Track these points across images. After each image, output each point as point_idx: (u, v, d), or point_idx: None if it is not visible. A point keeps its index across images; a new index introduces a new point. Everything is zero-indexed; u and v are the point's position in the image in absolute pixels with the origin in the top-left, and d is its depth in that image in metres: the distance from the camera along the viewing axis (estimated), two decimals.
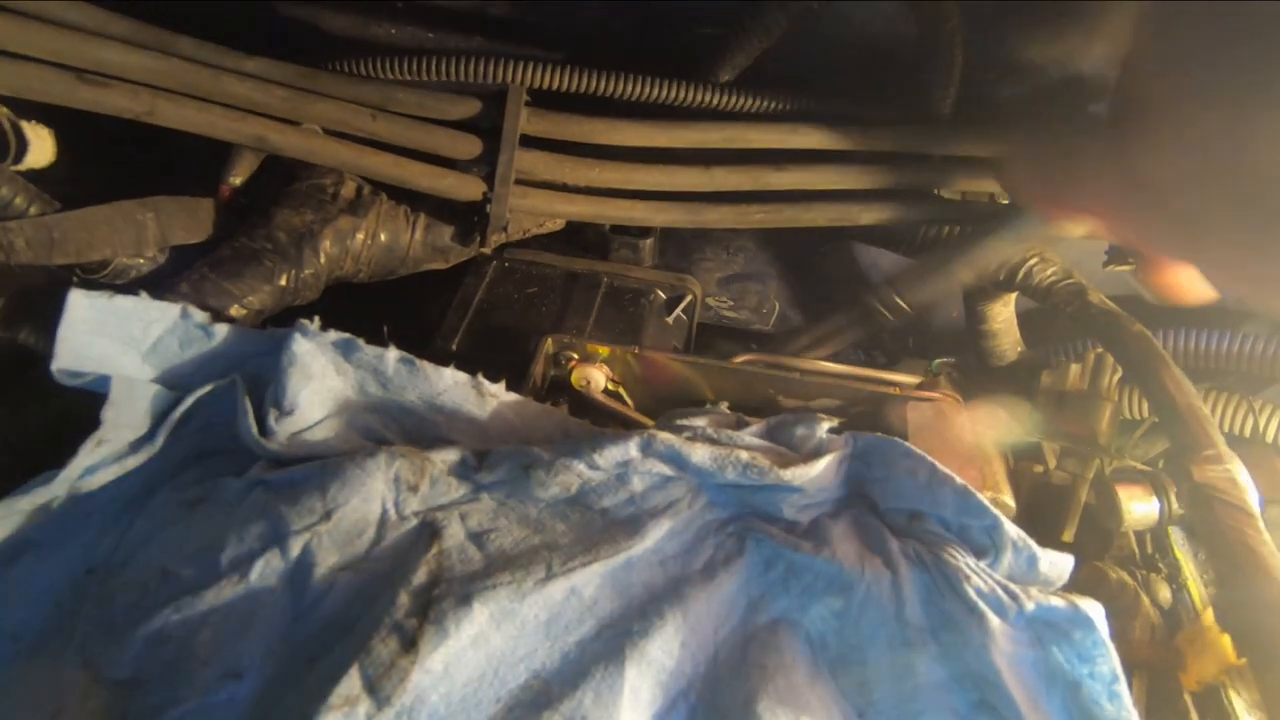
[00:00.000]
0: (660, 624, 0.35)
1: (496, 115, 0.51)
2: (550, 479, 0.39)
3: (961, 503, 0.37)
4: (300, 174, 0.50)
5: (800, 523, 0.40)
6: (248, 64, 0.47)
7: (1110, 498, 0.46)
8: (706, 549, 0.39)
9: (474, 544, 0.37)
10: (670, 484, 0.40)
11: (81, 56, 0.40)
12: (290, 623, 0.35)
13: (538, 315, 0.55)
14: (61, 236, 0.40)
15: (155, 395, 0.41)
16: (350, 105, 0.48)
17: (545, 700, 0.32)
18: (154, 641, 0.34)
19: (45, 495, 0.36)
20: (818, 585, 0.37)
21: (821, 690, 0.34)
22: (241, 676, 0.33)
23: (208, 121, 0.43)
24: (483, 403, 0.45)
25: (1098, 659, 0.32)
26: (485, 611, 0.33)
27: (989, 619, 0.33)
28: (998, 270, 0.55)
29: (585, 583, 0.36)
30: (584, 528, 0.38)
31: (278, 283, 0.46)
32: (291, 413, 0.41)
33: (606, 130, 0.52)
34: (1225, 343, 0.63)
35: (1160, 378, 0.44)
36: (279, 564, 0.35)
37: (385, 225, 0.51)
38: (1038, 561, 0.36)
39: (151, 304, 0.40)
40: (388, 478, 0.38)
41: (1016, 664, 0.33)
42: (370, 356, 0.43)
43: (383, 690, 0.30)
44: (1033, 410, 0.57)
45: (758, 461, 0.38)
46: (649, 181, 0.54)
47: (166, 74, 0.43)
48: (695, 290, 0.60)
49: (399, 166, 0.49)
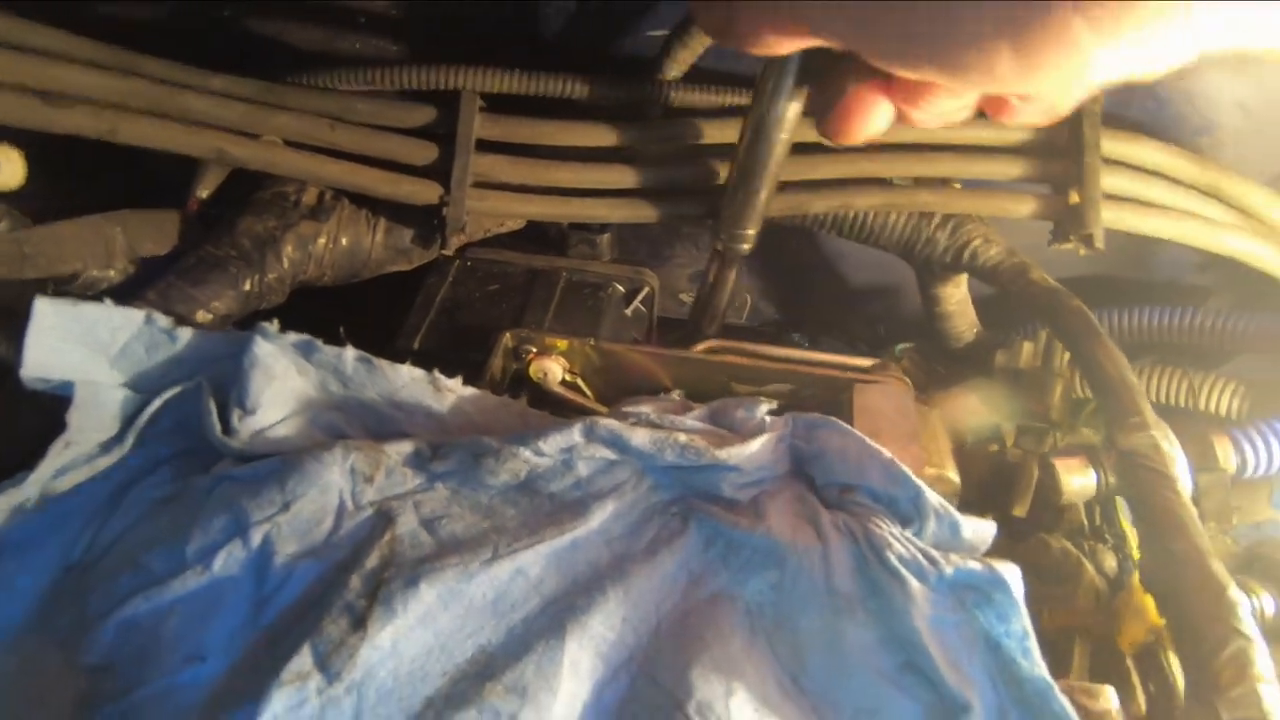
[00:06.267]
0: (603, 600, 0.37)
1: (451, 121, 0.53)
2: (499, 466, 0.41)
3: (887, 474, 0.38)
4: (264, 183, 0.52)
5: (740, 501, 0.41)
6: (213, 81, 0.49)
7: (1049, 471, 0.48)
8: (651, 529, 0.41)
9: (426, 530, 0.39)
10: (615, 468, 0.42)
11: (46, 79, 0.42)
12: (252, 608, 0.36)
13: (499, 312, 0.57)
14: (32, 251, 0.42)
15: (124, 399, 0.43)
16: (309, 116, 0.50)
17: (489, 672, 0.34)
18: (124, 628, 0.36)
19: (18, 496, 0.38)
20: (755, 559, 0.39)
21: (757, 657, 0.36)
22: (206, 659, 0.35)
23: (167, 137, 0.45)
24: (440, 397, 0.47)
25: (1013, 618, 0.34)
26: (432, 591, 0.35)
27: (910, 584, 0.35)
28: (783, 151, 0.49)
29: (531, 563, 0.38)
30: (532, 511, 0.40)
31: (242, 288, 0.48)
32: (254, 412, 0.43)
33: (559, 132, 0.54)
34: (1178, 318, 0.64)
35: (1094, 351, 0.46)
36: (241, 554, 0.37)
37: (346, 229, 0.53)
38: (960, 528, 0.37)
39: (116, 310, 0.42)
40: (344, 470, 0.40)
41: (937, 626, 0.35)
42: (329, 356, 0.45)
43: (333, 666, 0.32)
44: (992, 393, 0.59)
45: (695, 443, 0.40)
46: (603, 180, 0.56)
47: (129, 93, 0.45)
48: (653, 283, 0.61)
49: (358, 174, 0.51)
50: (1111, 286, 0.77)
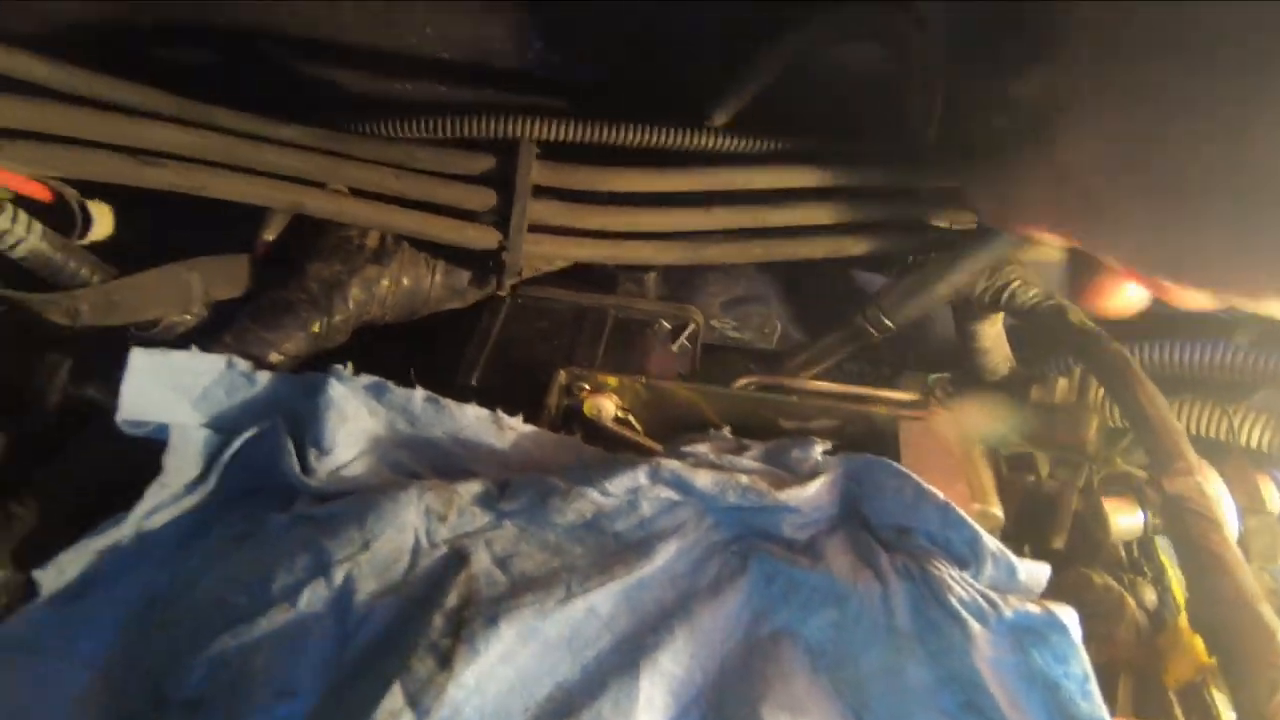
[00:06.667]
0: (670, 638, 0.38)
1: (509, 168, 0.55)
2: (566, 506, 0.42)
3: (944, 518, 0.40)
4: (329, 228, 0.55)
5: (799, 540, 0.43)
6: (284, 131, 0.51)
7: (1097, 511, 0.49)
8: (712, 567, 0.42)
9: (499, 568, 0.41)
10: (677, 508, 0.43)
11: (137, 138, 0.45)
12: (336, 645, 0.38)
13: (550, 349, 0.59)
14: (119, 300, 0.44)
15: (206, 439, 0.45)
16: (375, 166, 0.52)
17: (568, 709, 0.35)
18: (214, 665, 0.38)
19: (116, 535, 0.40)
20: (815, 598, 0.40)
21: (819, 695, 0.38)
22: (296, 694, 0.36)
23: (255, 192, 0.48)
24: (502, 435, 0.49)
25: (1071, 661, 0.35)
26: (512, 630, 0.37)
27: (970, 625, 0.36)
28: (972, 284, 0.59)
29: (602, 601, 0.39)
30: (599, 550, 0.42)
31: (311, 330, 0.51)
32: (330, 451, 0.45)
33: (612, 178, 0.56)
34: (1205, 352, 0.65)
35: (1134, 394, 0.47)
36: (324, 591, 0.39)
37: (408, 272, 0.55)
38: (1016, 571, 0.39)
39: (201, 356, 0.45)
40: (419, 509, 0.42)
41: (997, 667, 0.36)
42: (399, 398, 0.47)
43: (423, 704, 0.34)
44: (1023, 415, 0.60)
45: (756, 485, 0.42)
46: (653, 224, 0.58)
47: (209, 148, 0.47)
48: (698, 319, 0.63)
49: (425, 224, 0.53)
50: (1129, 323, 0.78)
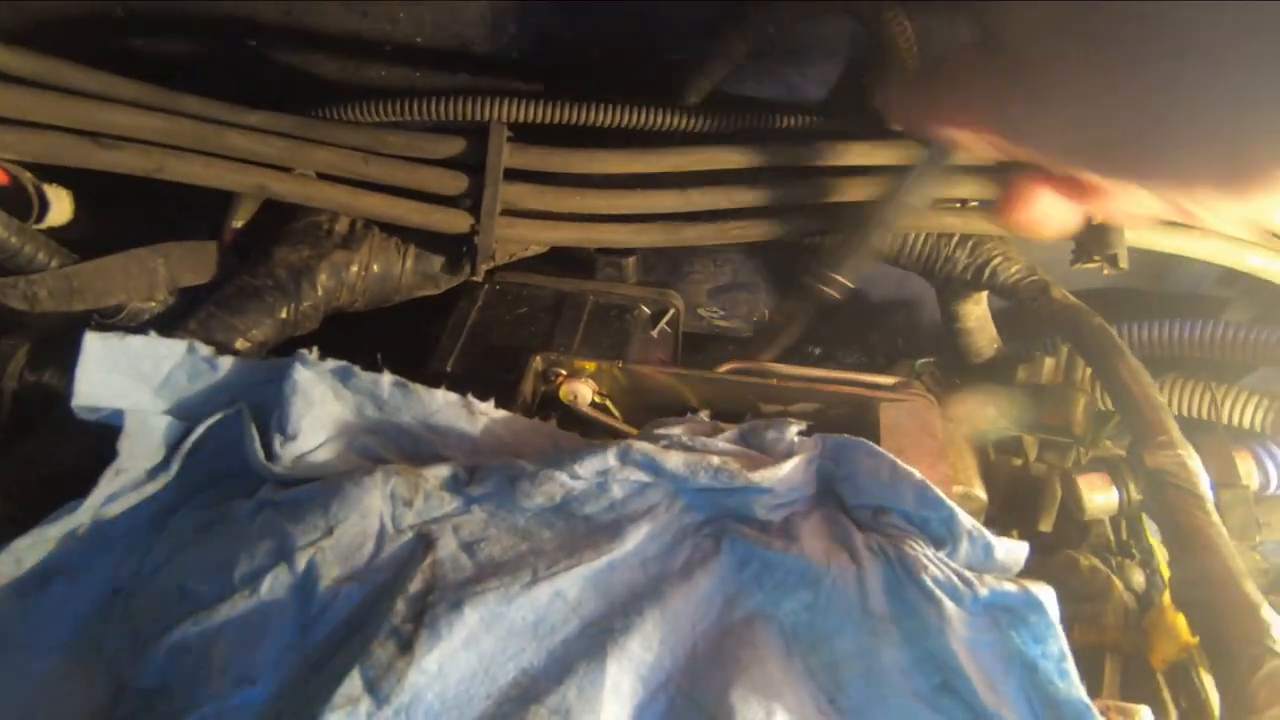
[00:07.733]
0: (640, 621, 0.37)
1: (480, 151, 0.54)
2: (535, 489, 0.42)
3: (920, 496, 0.39)
4: (297, 213, 0.54)
5: (773, 522, 0.42)
6: (250, 117, 0.51)
7: (1071, 488, 0.48)
8: (684, 550, 0.41)
9: (465, 553, 0.40)
10: (648, 490, 0.42)
11: (96, 121, 0.44)
12: (298, 631, 0.37)
13: (528, 334, 0.58)
14: (80, 285, 0.44)
15: (168, 426, 0.44)
16: (344, 150, 0.52)
17: (532, 695, 0.34)
18: (175, 652, 0.37)
19: (72, 522, 0.40)
20: (789, 581, 0.39)
21: (793, 678, 0.37)
22: (255, 682, 0.35)
23: (213, 175, 0.47)
24: (474, 420, 0.48)
25: (1049, 640, 0.34)
26: (475, 615, 0.36)
27: (945, 605, 0.36)
28: (914, 210, 0.56)
29: (569, 585, 0.38)
30: (568, 534, 0.41)
31: (279, 316, 0.50)
32: (295, 437, 0.44)
33: (585, 160, 0.55)
34: (1199, 330, 0.65)
35: (1117, 369, 0.46)
36: (287, 578, 0.38)
37: (378, 257, 0.54)
38: (993, 550, 0.38)
39: (160, 341, 0.44)
40: (384, 494, 0.41)
41: (974, 647, 0.35)
42: (366, 382, 0.46)
43: (382, 690, 0.33)
44: (1011, 399, 0.59)
45: (728, 465, 0.41)
46: (629, 206, 0.57)
47: (174, 132, 0.46)
48: (678, 304, 0.62)
49: (392, 206, 0.52)
50: (1130, 299, 0.77)
